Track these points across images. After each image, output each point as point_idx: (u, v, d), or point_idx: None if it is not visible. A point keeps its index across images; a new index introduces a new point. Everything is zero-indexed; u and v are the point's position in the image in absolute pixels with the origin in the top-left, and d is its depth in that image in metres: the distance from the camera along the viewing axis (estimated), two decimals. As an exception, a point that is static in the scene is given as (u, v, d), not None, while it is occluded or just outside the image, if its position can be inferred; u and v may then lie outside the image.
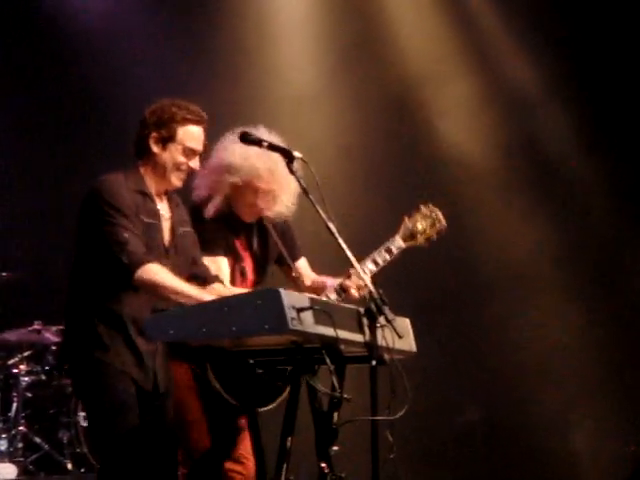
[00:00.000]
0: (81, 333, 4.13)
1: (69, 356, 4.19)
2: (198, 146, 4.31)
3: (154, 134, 4.24)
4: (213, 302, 3.72)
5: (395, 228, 4.99)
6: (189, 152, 4.28)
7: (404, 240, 4.93)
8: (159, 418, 4.20)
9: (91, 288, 4.14)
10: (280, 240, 4.90)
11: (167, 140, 4.24)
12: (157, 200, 4.29)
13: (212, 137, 4.62)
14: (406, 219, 4.99)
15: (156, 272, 4.03)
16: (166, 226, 4.30)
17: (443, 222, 5.03)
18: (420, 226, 4.99)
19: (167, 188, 4.34)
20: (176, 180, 4.29)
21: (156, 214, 4.25)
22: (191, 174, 4.37)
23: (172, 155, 4.25)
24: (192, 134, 4.28)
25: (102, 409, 4.07)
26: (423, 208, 5.05)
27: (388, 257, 4.85)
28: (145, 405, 4.14)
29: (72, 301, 4.21)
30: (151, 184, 4.28)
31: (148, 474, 4.10)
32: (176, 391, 4.34)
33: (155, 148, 4.25)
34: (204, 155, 4.42)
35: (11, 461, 7.15)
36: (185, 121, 4.26)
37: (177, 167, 4.26)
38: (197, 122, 4.29)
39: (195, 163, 4.31)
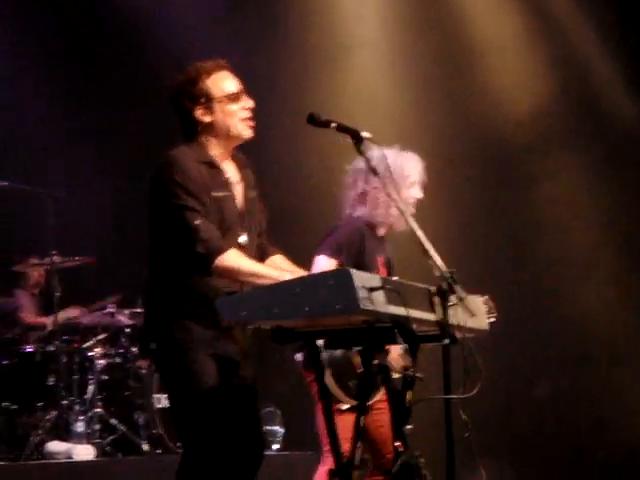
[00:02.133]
0: (164, 314, 4.09)
1: (153, 337, 4.13)
2: (234, 87, 4.16)
3: (196, 107, 4.12)
4: (284, 283, 3.71)
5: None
6: (233, 97, 4.14)
7: None
8: (245, 389, 4.18)
9: (170, 269, 4.10)
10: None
11: (209, 102, 4.12)
12: (224, 166, 4.19)
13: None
14: None
15: (233, 259, 3.98)
16: (238, 191, 4.21)
17: (495, 313, 4.98)
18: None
19: (238, 143, 4.21)
20: (244, 130, 4.17)
21: (227, 184, 4.15)
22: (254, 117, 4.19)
23: (223, 111, 4.13)
24: (223, 80, 4.15)
25: (185, 392, 4.04)
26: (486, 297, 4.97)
27: None
28: (231, 376, 4.12)
29: (152, 282, 4.17)
30: (216, 152, 4.16)
31: (235, 458, 4.09)
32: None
33: (205, 118, 4.12)
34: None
35: (89, 442, 7.26)
36: (208, 74, 4.13)
37: (237, 117, 4.14)
38: (220, 68, 4.17)
39: (248, 102, 4.16)
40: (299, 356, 4.73)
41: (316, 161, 8.06)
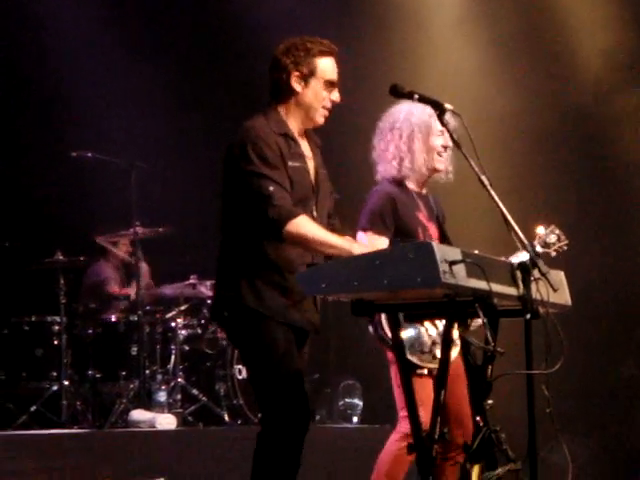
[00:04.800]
0: (236, 282, 4.11)
1: (225, 305, 4.17)
2: (335, 77, 4.25)
3: (295, 73, 4.20)
4: (365, 256, 3.71)
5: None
6: (329, 85, 4.23)
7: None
8: (303, 362, 4.21)
9: (243, 237, 4.13)
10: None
11: (308, 76, 4.20)
12: (300, 141, 4.25)
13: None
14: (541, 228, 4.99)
15: (304, 225, 4.01)
16: (311, 165, 4.26)
17: (565, 240, 4.98)
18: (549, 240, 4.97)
19: (310, 127, 4.30)
20: (320, 117, 4.25)
21: (302, 156, 4.21)
22: (332, 110, 4.29)
23: (315, 91, 4.21)
24: (330, 66, 4.24)
25: (263, 360, 4.07)
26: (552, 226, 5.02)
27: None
28: (299, 346, 4.15)
29: (225, 251, 4.21)
30: (293, 125, 4.24)
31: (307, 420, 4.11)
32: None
33: (298, 87, 4.20)
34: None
35: (170, 412, 7.35)
36: (321, 54, 4.22)
37: (322, 103, 4.22)
38: (330, 53, 4.25)
39: (336, 95, 4.26)
40: (371, 328, 4.73)
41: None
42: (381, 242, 4.71)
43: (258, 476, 4.05)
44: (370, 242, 4.70)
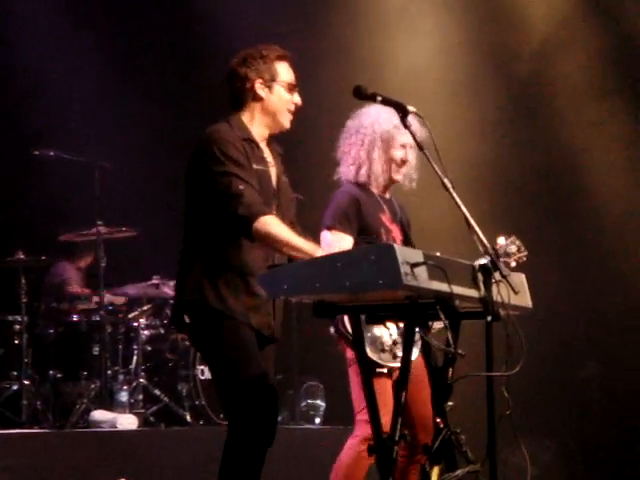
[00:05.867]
0: (198, 284, 4.13)
1: (187, 309, 4.18)
2: (294, 80, 4.35)
3: (258, 80, 4.27)
4: (326, 257, 3.72)
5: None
6: (291, 88, 4.31)
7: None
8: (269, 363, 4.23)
9: (206, 238, 4.15)
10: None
11: (271, 81, 4.28)
12: (262, 146, 4.30)
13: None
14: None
15: (273, 224, 4.03)
16: (273, 172, 4.30)
17: (525, 252, 5.06)
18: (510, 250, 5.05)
19: (277, 131, 4.35)
20: (286, 121, 4.32)
21: (264, 161, 4.26)
22: (295, 112, 4.36)
23: (280, 95, 4.29)
24: (287, 69, 4.33)
25: (227, 360, 4.09)
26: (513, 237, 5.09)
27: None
28: (261, 350, 4.17)
29: (187, 253, 4.22)
30: (256, 131, 4.29)
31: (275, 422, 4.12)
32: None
33: (262, 93, 4.27)
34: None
35: (132, 412, 7.32)
36: (278, 59, 4.31)
37: (287, 106, 4.29)
38: (286, 57, 4.35)
39: (297, 98, 4.33)
40: (332, 328, 4.74)
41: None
42: (346, 240, 4.74)
43: (225, 476, 4.05)
44: (335, 240, 4.72)
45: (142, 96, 8.84)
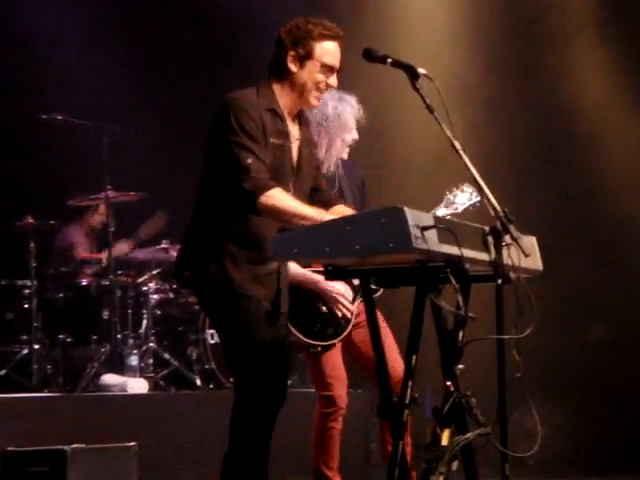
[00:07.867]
0: (202, 247, 4.15)
1: (188, 265, 4.20)
2: (335, 62, 4.23)
3: (291, 52, 4.19)
4: (336, 221, 3.70)
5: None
6: (327, 69, 4.21)
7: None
8: (280, 338, 4.23)
9: (217, 207, 4.16)
10: None
11: (305, 58, 4.19)
12: (288, 120, 4.25)
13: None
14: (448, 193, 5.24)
15: (278, 197, 4.01)
16: (295, 146, 4.27)
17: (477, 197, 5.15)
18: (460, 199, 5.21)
19: (302, 107, 4.31)
20: (314, 99, 4.25)
21: (286, 135, 4.22)
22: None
23: (310, 73, 4.20)
24: (329, 50, 4.21)
25: (234, 330, 4.11)
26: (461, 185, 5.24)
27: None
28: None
29: (197, 217, 4.23)
30: (284, 104, 4.23)
31: (283, 389, 4.14)
32: None
33: (293, 67, 4.20)
34: (340, 74, 4.33)
35: (142, 376, 7.34)
36: (321, 37, 4.20)
37: (316, 85, 4.21)
38: (333, 38, 4.22)
39: (333, 80, 4.26)
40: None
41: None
42: None
43: (234, 442, 4.08)
44: None
45: (150, 60, 8.80)
